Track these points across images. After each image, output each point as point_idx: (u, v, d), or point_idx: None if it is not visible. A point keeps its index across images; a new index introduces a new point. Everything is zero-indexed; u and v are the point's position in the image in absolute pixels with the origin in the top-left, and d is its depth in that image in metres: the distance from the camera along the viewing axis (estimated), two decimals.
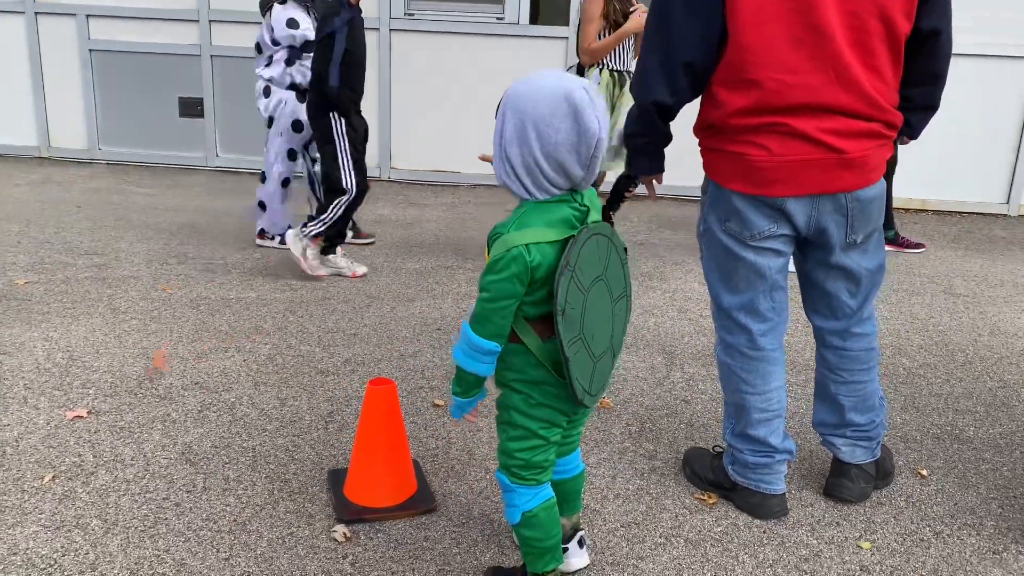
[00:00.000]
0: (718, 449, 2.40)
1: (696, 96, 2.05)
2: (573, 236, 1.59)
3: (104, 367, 2.97)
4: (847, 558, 2.07)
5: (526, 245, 1.55)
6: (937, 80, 2.05)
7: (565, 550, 1.93)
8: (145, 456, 2.39)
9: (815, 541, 2.13)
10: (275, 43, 4.38)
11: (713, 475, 2.32)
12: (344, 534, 2.05)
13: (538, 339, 1.65)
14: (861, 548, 2.11)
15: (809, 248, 2.12)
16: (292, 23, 4.31)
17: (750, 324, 2.13)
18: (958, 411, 2.93)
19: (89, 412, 2.63)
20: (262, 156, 4.76)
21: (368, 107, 6.72)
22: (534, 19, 6.62)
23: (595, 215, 1.65)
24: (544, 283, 1.60)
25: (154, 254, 4.40)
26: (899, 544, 2.14)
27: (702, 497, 2.30)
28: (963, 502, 2.34)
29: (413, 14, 6.58)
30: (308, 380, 2.94)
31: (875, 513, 2.27)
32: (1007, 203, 6.65)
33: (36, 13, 6.72)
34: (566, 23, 6.47)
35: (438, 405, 2.77)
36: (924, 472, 2.49)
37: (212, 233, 4.90)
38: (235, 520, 2.12)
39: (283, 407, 2.73)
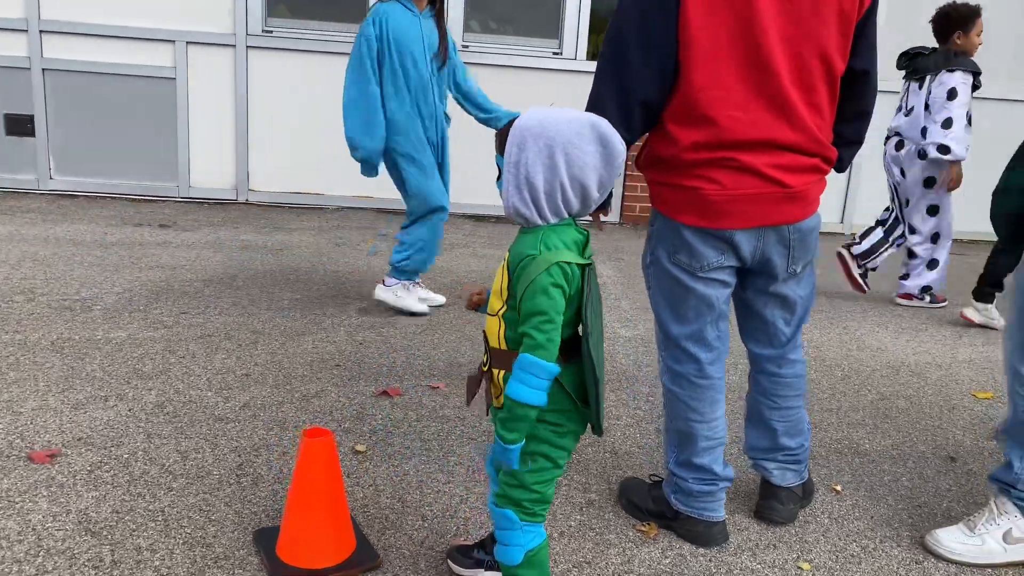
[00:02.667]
0: (655, 478, 2.41)
1: (645, 133, 2.06)
2: (590, 263, 1.65)
3: None
4: None
5: (563, 263, 1.58)
6: (865, 117, 2.16)
7: None
8: (35, 529, 2.10)
9: (759, 566, 2.18)
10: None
11: (654, 505, 2.32)
12: None
13: (562, 362, 1.64)
14: (802, 569, 2.18)
15: (750, 277, 2.17)
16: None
17: (699, 353, 2.15)
18: (851, 424, 3.11)
19: None
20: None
21: (223, 127, 6.40)
22: None
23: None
24: (571, 303, 1.62)
25: None
26: (834, 562, 2.22)
27: (643, 528, 2.30)
28: (877, 515, 2.47)
29: (272, 31, 6.30)
30: (207, 429, 2.70)
31: (805, 532, 2.35)
32: (841, 223, 7.22)
33: None
34: None
35: (359, 451, 2.62)
36: (838, 488, 2.61)
37: (60, 265, 4.44)
38: None
39: (185, 461, 2.49)
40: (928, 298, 4.89)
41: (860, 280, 4.81)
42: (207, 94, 6.34)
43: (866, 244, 4.81)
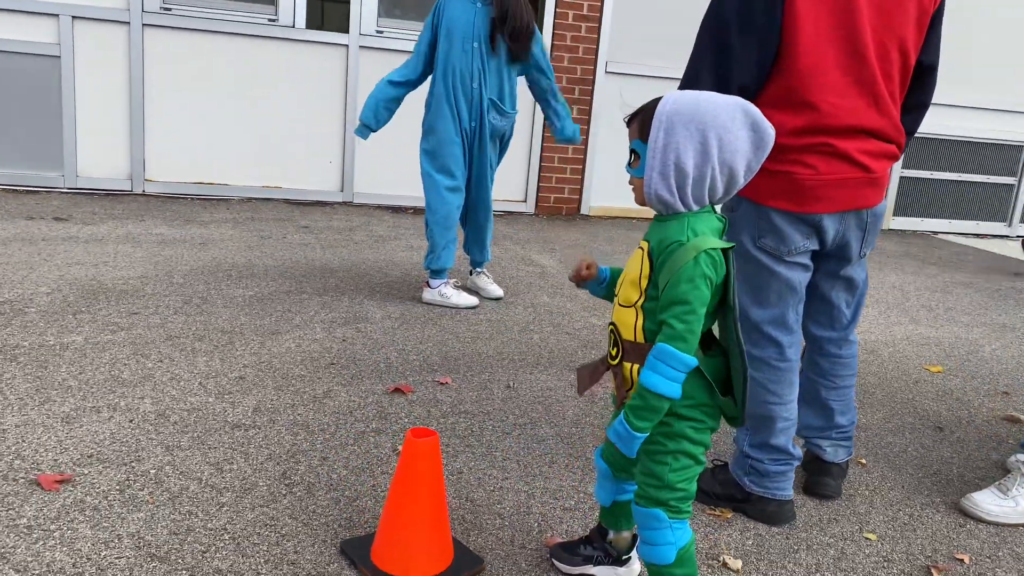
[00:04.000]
0: (718, 463, 2.44)
1: None
2: (733, 247, 1.59)
3: None
4: (868, 551, 2.22)
5: (711, 249, 1.52)
6: (923, 109, 2.28)
7: (628, 559, 1.95)
8: (89, 559, 1.84)
9: (832, 539, 2.26)
10: None
11: (721, 488, 2.35)
12: None
13: (701, 354, 1.60)
14: (869, 540, 2.27)
15: (822, 260, 2.24)
16: None
17: (780, 337, 2.19)
18: None
19: None
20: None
21: (116, 111, 5.85)
22: (314, 24, 6.19)
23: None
24: (716, 292, 1.57)
25: None
26: (893, 531, 2.33)
27: (716, 513, 2.32)
28: (906, 484, 2.62)
29: (171, 8, 5.83)
30: (228, 438, 2.48)
31: (854, 505, 2.46)
32: None
33: None
34: (347, 31, 6.17)
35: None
36: (863, 461, 2.75)
37: None
38: None
39: (222, 473, 2.27)
40: None
41: None
42: (97, 75, 5.79)
43: None
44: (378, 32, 6.25)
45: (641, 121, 1.60)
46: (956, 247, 7.31)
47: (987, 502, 2.43)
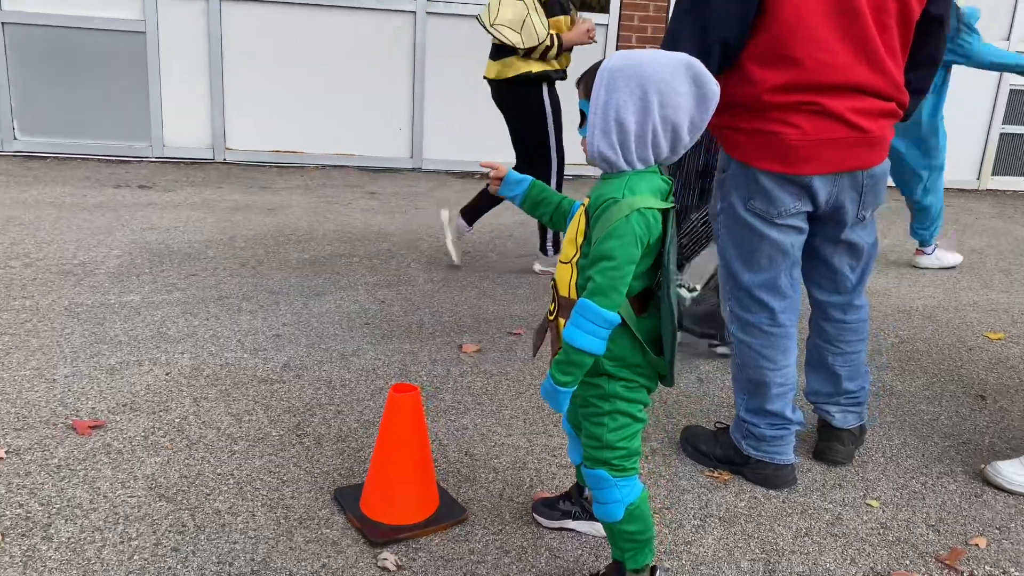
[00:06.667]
0: (720, 425, 2.43)
1: (719, 73, 2.03)
2: (673, 208, 1.58)
3: None
4: (865, 518, 2.18)
5: (645, 208, 1.51)
6: (933, 64, 2.17)
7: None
8: (106, 497, 2.03)
9: (831, 505, 2.23)
10: None
11: (721, 451, 2.34)
12: (396, 562, 1.85)
13: (634, 315, 1.59)
14: (871, 507, 2.23)
15: (819, 224, 2.18)
16: None
17: (771, 302, 2.16)
18: (879, 367, 3.17)
19: (7, 452, 2.19)
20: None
21: (197, 83, 6.16)
22: None
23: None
24: (650, 252, 1.56)
25: None
26: (899, 498, 2.28)
27: (713, 475, 2.33)
28: (927, 452, 2.54)
29: None
30: (253, 391, 2.64)
31: (865, 471, 2.41)
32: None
33: None
34: None
35: None
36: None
37: (47, 229, 4.26)
38: (252, 559, 1.85)
39: (240, 424, 2.43)
40: None
41: None
42: (179, 48, 6.09)
43: None
44: None
45: (586, 82, 1.61)
46: None
47: (1010, 471, 2.34)
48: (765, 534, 2.08)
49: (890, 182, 3.47)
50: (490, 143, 6.58)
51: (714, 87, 1.52)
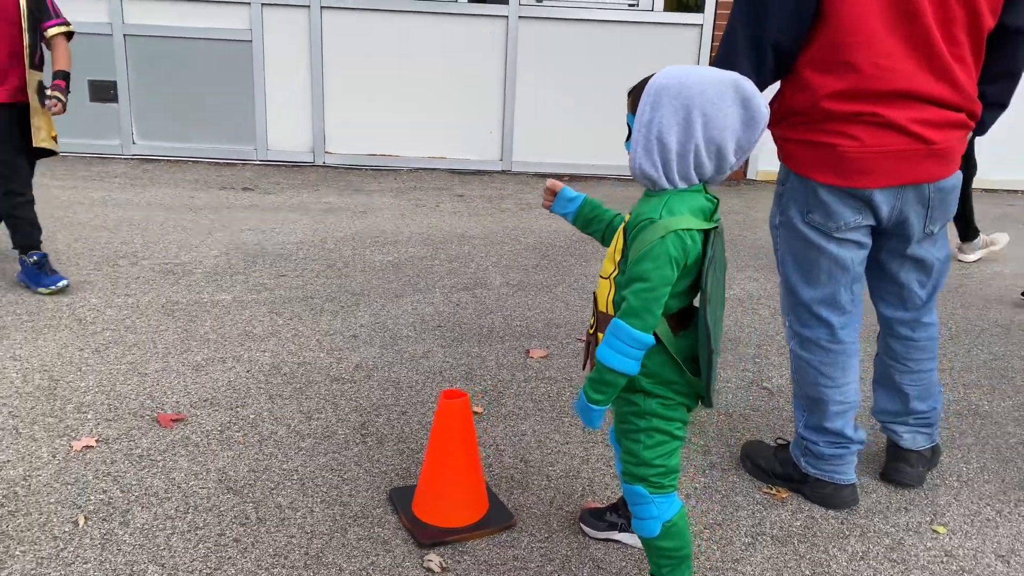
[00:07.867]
0: (780, 441, 2.39)
1: (777, 80, 2.00)
2: (715, 228, 1.57)
3: (94, 387, 2.69)
4: (929, 544, 2.10)
5: (683, 230, 1.51)
6: (1013, 78, 2.06)
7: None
8: (179, 487, 2.17)
9: (892, 529, 2.15)
10: None
11: (780, 468, 2.30)
12: (440, 564, 1.91)
13: (671, 334, 1.59)
14: (937, 533, 2.15)
15: (884, 238, 2.11)
16: None
17: (830, 318, 2.11)
18: (966, 386, 3.03)
19: (97, 440, 2.37)
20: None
21: (299, 89, 6.43)
22: None
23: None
24: (689, 272, 1.56)
25: (99, 255, 4.04)
26: (970, 526, 2.18)
27: (770, 492, 2.29)
28: (1008, 478, 2.42)
29: None
30: (325, 390, 2.76)
31: (935, 495, 2.31)
32: None
33: None
34: (506, 1, 6.32)
35: (477, 412, 2.64)
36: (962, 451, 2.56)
37: (155, 229, 4.54)
38: (306, 553, 1.95)
39: (310, 421, 2.55)
40: None
41: None
42: (283, 56, 6.37)
43: None
44: (537, 2, 6.35)
45: (634, 96, 1.62)
46: None
47: None
48: (818, 555, 2.03)
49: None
50: (579, 145, 6.63)
51: (763, 109, 1.50)
